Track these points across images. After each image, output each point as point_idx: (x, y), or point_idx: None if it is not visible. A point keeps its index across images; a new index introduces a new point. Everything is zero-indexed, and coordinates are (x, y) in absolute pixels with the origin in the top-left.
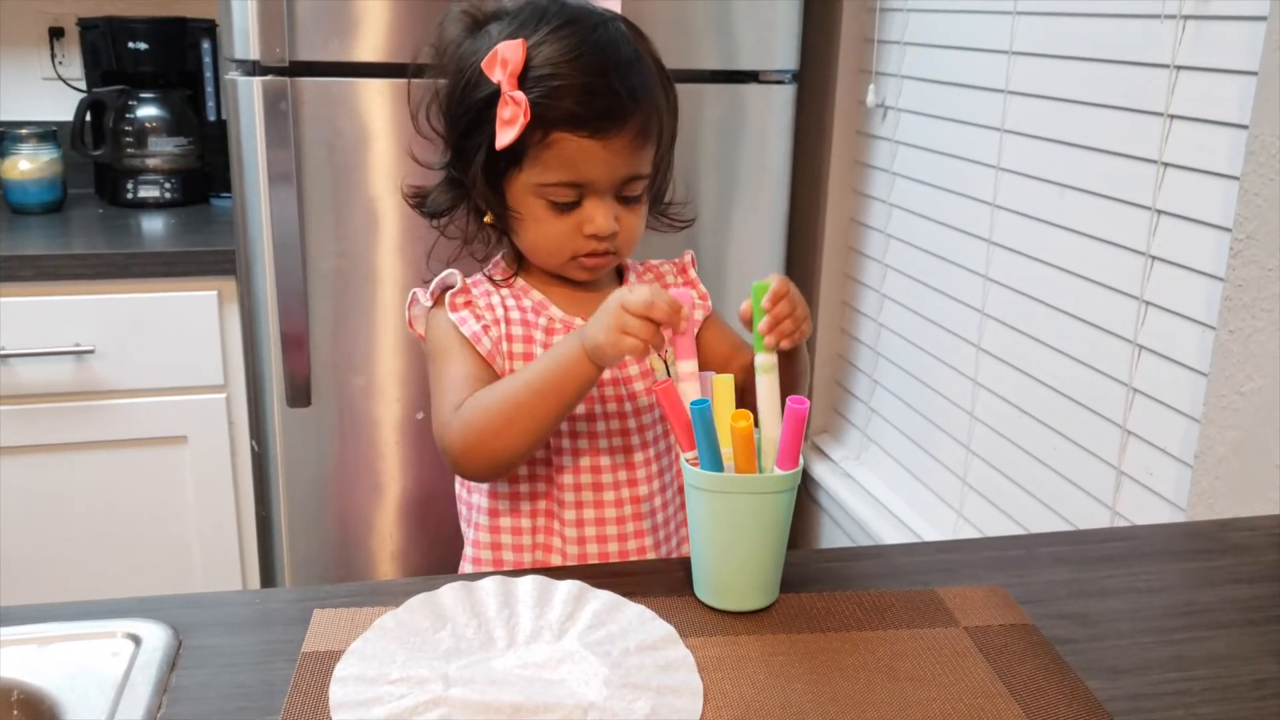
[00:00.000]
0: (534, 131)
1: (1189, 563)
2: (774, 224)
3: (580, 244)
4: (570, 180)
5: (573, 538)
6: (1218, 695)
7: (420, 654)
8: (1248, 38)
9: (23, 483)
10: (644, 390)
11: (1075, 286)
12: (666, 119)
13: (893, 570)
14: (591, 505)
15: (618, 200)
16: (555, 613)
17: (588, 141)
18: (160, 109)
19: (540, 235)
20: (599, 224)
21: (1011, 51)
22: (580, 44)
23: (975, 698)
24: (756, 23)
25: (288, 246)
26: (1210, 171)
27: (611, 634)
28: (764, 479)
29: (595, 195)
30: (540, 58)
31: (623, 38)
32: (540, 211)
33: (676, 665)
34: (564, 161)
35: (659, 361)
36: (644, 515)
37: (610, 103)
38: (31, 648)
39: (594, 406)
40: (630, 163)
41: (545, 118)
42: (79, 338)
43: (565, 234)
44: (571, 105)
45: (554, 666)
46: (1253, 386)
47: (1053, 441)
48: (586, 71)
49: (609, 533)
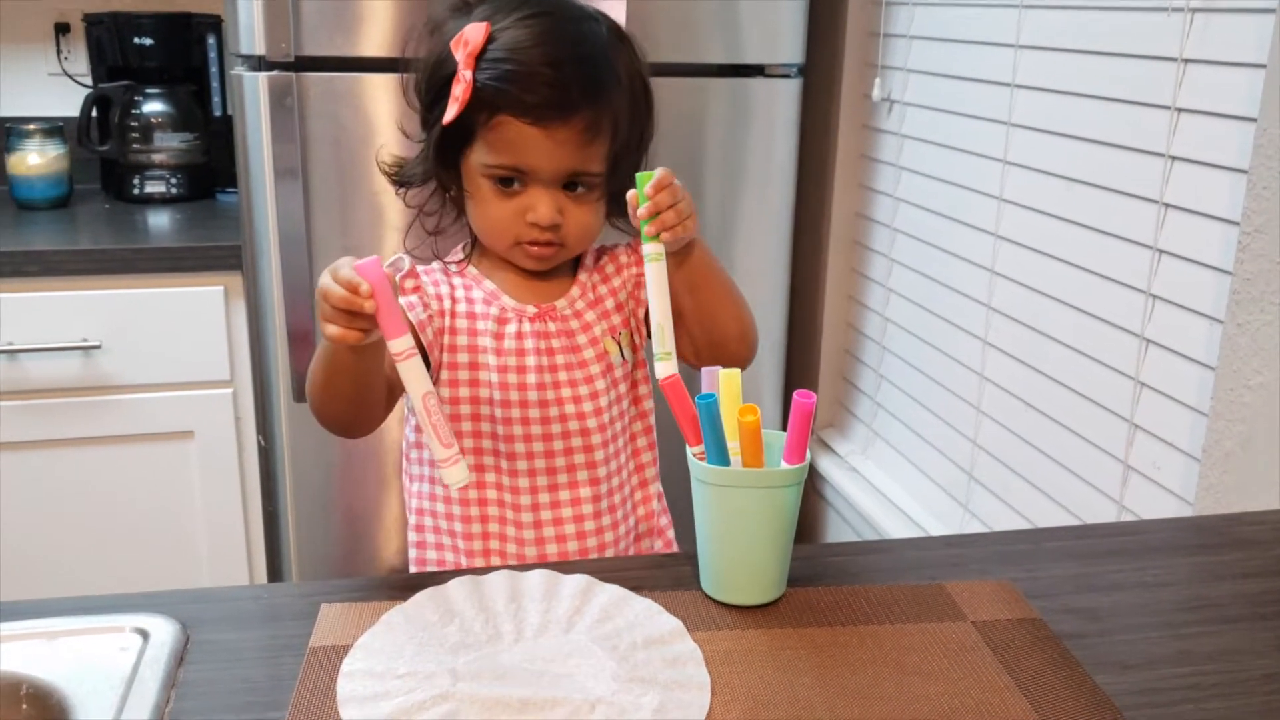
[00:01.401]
0: (481, 112)
1: (1197, 557)
2: (779, 218)
3: (523, 230)
4: (512, 165)
5: (530, 539)
6: (1226, 690)
7: (428, 648)
8: (1256, 31)
9: (30, 478)
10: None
11: (1082, 280)
12: (626, 123)
13: (900, 565)
14: (549, 506)
15: (565, 193)
16: (563, 606)
17: (530, 129)
18: (166, 104)
19: (485, 217)
20: (540, 213)
21: (1018, 45)
22: (542, 34)
23: (983, 692)
24: (762, 17)
25: (294, 241)
26: (1218, 165)
27: (619, 627)
28: (771, 473)
29: (539, 184)
30: (499, 41)
31: (593, 36)
32: (487, 192)
33: (684, 659)
34: (507, 145)
35: (612, 344)
36: (604, 512)
37: (557, 93)
38: (40, 642)
39: (546, 410)
40: (575, 157)
41: (492, 100)
42: (86, 333)
43: (509, 218)
44: (517, 90)
45: (562, 660)
46: (1260, 380)
47: (1059, 436)
48: (539, 60)
49: (567, 531)
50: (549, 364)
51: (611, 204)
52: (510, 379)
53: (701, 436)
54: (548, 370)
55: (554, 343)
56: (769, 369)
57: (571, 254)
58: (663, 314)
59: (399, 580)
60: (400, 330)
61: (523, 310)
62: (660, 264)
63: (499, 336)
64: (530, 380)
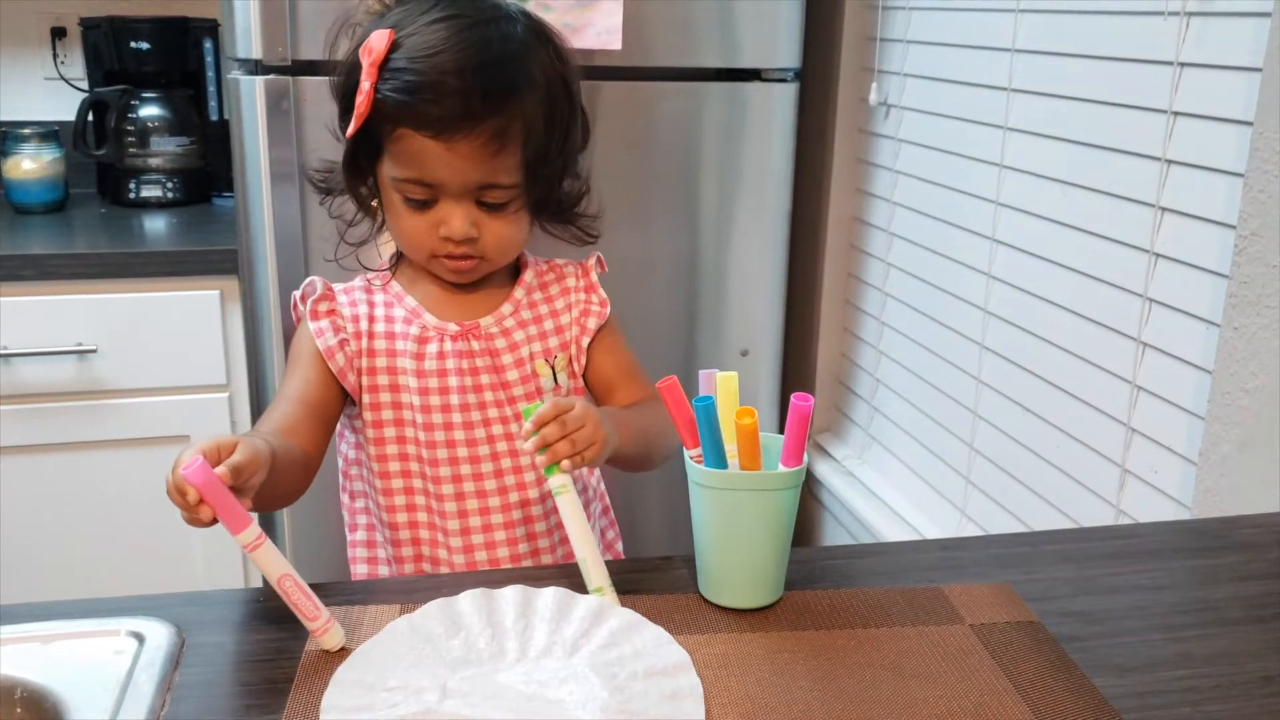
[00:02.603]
0: (384, 124)
1: (1195, 560)
2: (776, 223)
3: (438, 244)
4: (418, 178)
5: (458, 547)
6: (1224, 693)
7: (426, 661)
8: (1252, 34)
9: (25, 482)
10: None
11: (1079, 284)
12: (542, 128)
13: (897, 568)
14: (480, 530)
15: (479, 205)
16: (572, 628)
17: (430, 142)
18: (162, 108)
19: (400, 230)
20: (453, 228)
21: (1014, 49)
22: (445, 40)
23: (981, 695)
24: (759, 21)
25: (290, 246)
26: (1214, 168)
27: (623, 655)
28: (768, 476)
29: (449, 197)
30: (401, 49)
31: (504, 37)
32: (399, 206)
33: (683, 695)
34: (411, 159)
35: (544, 367)
36: (538, 534)
37: (458, 104)
38: (35, 646)
39: (471, 431)
40: (482, 170)
41: (393, 113)
42: (81, 337)
43: (423, 231)
44: (416, 102)
45: (556, 686)
46: (1257, 383)
47: (1056, 439)
48: (440, 69)
49: (500, 555)
50: (473, 384)
51: (538, 210)
52: (433, 400)
53: (699, 439)
54: (471, 390)
55: (477, 361)
56: (765, 373)
57: (494, 266)
58: (585, 546)
59: (394, 585)
60: (244, 522)
61: (444, 329)
62: (567, 496)
63: (419, 356)
64: (454, 401)
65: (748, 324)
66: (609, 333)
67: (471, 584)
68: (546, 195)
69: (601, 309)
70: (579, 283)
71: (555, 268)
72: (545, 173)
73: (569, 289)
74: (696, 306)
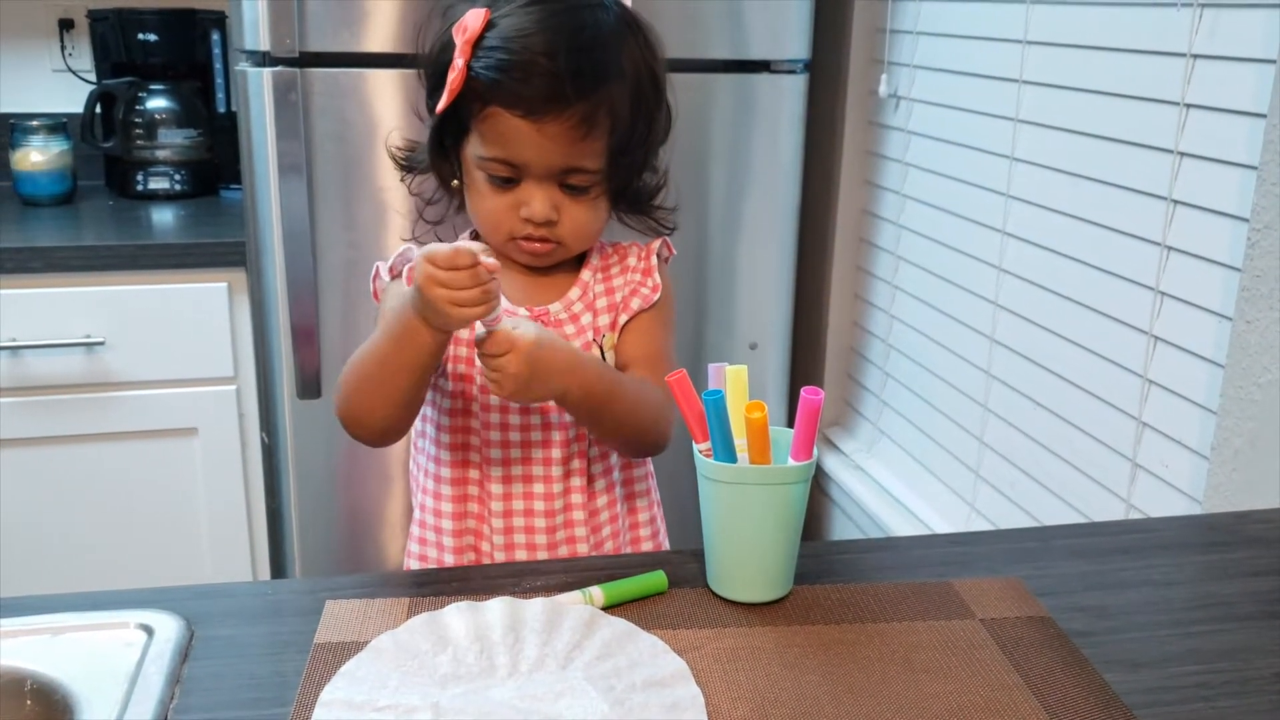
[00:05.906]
0: (475, 102)
1: (1206, 555)
2: (785, 215)
3: (517, 225)
4: (504, 158)
5: (500, 528)
6: (1237, 688)
7: (415, 679)
8: (1265, 26)
9: (34, 474)
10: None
11: (1090, 277)
12: (628, 117)
13: (907, 562)
14: (521, 514)
15: (562, 189)
16: (563, 640)
17: (520, 122)
18: (170, 101)
19: (481, 209)
20: (534, 209)
21: (1025, 41)
22: (539, 22)
23: (992, 690)
24: (768, 13)
25: (298, 238)
26: (1227, 161)
27: (619, 666)
28: (778, 470)
29: (533, 178)
30: (496, 29)
31: (597, 24)
32: (482, 185)
33: (684, 706)
34: (498, 138)
35: (595, 348)
36: (557, 511)
37: (547, 85)
38: (44, 638)
39: (528, 416)
40: (569, 153)
41: (484, 91)
42: (89, 329)
43: (503, 211)
44: (508, 82)
45: (552, 700)
46: (1270, 378)
47: (1067, 434)
48: (533, 49)
49: (537, 524)
50: None
51: (616, 200)
52: None
53: (708, 433)
54: None
55: None
56: (775, 367)
57: (570, 253)
58: None
59: (404, 577)
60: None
61: (514, 311)
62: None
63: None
64: None
65: (757, 317)
66: (650, 317)
67: (478, 579)
68: (627, 184)
69: (651, 293)
70: (639, 264)
71: (620, 249)
72: (628, 161)
73: (628, 268)
74: (705, 300)
